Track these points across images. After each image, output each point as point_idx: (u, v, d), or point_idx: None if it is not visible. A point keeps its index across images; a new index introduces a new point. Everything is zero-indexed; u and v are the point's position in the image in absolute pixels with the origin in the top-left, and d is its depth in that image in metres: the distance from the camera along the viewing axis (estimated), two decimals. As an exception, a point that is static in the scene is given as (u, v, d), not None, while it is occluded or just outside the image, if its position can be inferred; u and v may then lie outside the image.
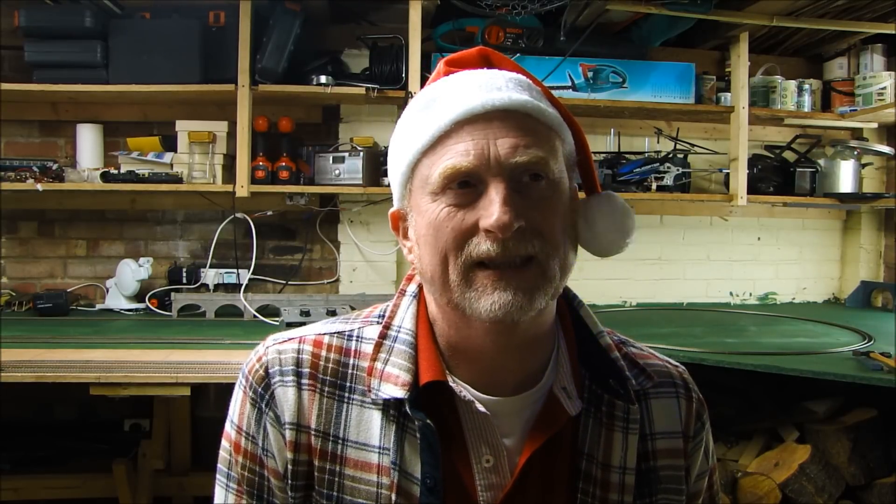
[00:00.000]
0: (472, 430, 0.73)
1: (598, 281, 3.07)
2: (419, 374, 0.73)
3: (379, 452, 0.73)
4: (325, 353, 0.77)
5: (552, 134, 0.72)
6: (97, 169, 2.67)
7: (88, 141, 2.74)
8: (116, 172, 2.64)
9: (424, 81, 0.80)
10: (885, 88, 2.89)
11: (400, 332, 0.77)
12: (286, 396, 0.74)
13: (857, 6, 2.60)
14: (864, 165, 3.10)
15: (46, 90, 2.56)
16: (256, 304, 2.62)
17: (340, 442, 0.74)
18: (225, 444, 0.78)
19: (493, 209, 0.67)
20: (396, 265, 2.94)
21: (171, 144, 2.71)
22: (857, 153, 3.04)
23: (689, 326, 2.58)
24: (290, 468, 0.73)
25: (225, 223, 2.83)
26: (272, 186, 2.66)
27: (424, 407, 0.72)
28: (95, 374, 1.78)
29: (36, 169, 2.59)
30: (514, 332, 0.71)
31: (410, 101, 0.77)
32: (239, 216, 2.80)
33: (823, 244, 3.32)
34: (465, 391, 0.72)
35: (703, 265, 3.21)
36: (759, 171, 2.98)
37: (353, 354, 0.77)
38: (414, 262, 0.76)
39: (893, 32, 2.73)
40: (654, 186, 2.85)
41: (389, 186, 0.80)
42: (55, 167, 2.63)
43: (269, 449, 0.75)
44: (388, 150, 0.80)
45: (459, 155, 0.69)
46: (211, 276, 2.81)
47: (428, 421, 0.71)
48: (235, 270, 2.81)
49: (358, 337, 0.78)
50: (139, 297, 2.75)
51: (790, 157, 3.08)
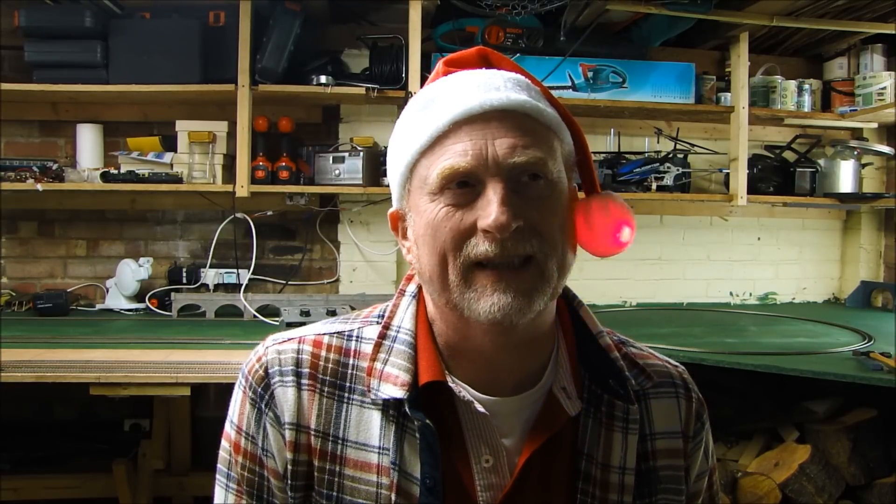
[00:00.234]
0: (471, 430, 0.73)
1: (598, 281, 3.07)
2: (418, 374, 0.73)
3: (378, 452, 0.73)
4: (324, 353, 0.77)
5: (551, 134, 0.72)
6: (97, 169, 2.67)
7: (88, 141, 2.74)
8: (116, 172, 2.64)
9: (424, 81, 0.80)
10: (885, 88, 2.89)
11: (399, 332, 0.77)
12: (286, 397, 0.74)
13: (857, 6, 2.60)
14: (864, 165, 3.10)
15: (46, 90, 2.56)
16: (256, 304, 2.62)
17: (340, 442, 0.74)
18: (225, 444, 0.78)
19: (490, 209, 0.67)
20: (396, 265, 2.94)
21: (171, 144, 2.71)
22: (857, 153, 3.04)
23: (689, 326, 2.58)
24: (289, 468, 0.73)
25: (225, 223, 2.83)
26: (272, 186, 2.66)
27: (424, 407, 0.72)
28: (95, 374, 1.78)
29: (36, 169, 2.59)
30: (512, 332, 0.71)
31: (409, 101, 0.77)
32: (239, 216, 2.80)
33: (823, 244, 3.32)
34: (464, 391, 0.72)
35: (703, 265, 3.21)
36: (759, 171, 2.98)
37: (352, 354, 0.77)
38: (413, 262, 0.76)
39: (893, 32, 2.73)
40: (654, 186, 2.85)
41: (389, 187, 0.80)
42: (55, 167, 2.63)
43: (268, 449, 0.75)
44: (387, 150, 0.80)
45: (457, 155, 0.69)
46: (211, 276, 2.81)
47: (427, 421, 0.71)
48: (235, 270, 2.81)
49: (357, 337, 0.78)
50: (139, 297, 2.75)
51: (790, 157, 3.08)
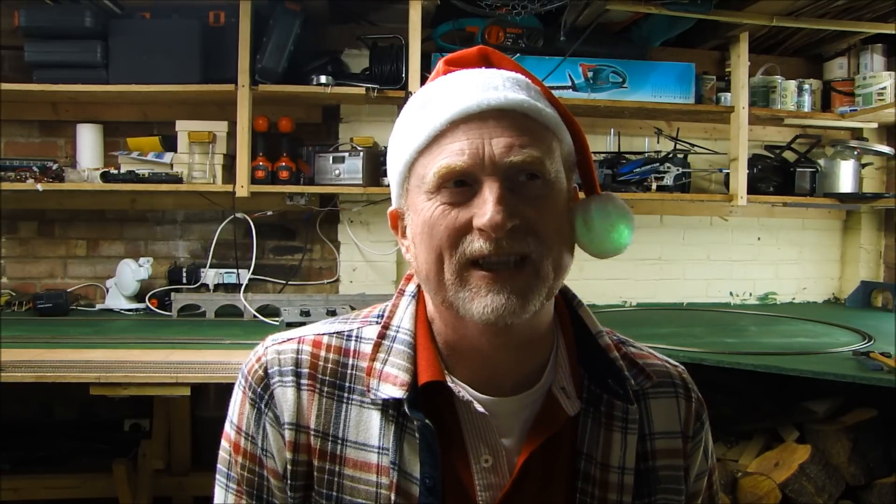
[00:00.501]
0: (470, 430, 0.73)
1: (598, 281, 3.07)
2: (418, 374, 0.73)
3: (378, 452, 0.73)
4: (324, 353, 0.77)
5: (549, 134, 0.72)
6: (97, 169, 2.67)
7: (88, 141, 2.74)
8: (116, 172, 2.64)
9: (424, 81, 0.80)
10: (885, 88, 2.88)
11: (399, 332, 0.77)
12: (285, 397, 0.74)
13: (857, 6, 2.60)
14: (864, 165, 3.10)
15: (46, 90, 2.56)
16: (256, 304, 2.62)
17: (340, 442, 0.74)
18: (224, 444, 0.78)
19: (486, 208, 0.67)
20: (396, 265, 2.94)
21: (171, 144, 2.71)
22: (857, 153, 3.04)
23: (689, 326, 2.58)
24: (289, 468, 0.73)
25: (225, 223, 2.83)
26: (272, 186, 2.66)
27: (423, 407, 0.72)
28: (95, 374, 1.78)
29: (36, 169, 2.59)
30: (509, 332, 0.71)
31: (409, 100, 0.77)
32: (239, 216, 2.80)
33: (823, 244, 3.32)
34: (463, 391, 0.72)
35: (703, 265, 3.21)
36: (759, 171, 2.98)
37: (352, 354, 0.77)
38: (411, 260, 0.76)
39: (893, 32, 2.73)
40: (654, 186, 2.85)
41: (389, 186, 0.80)
42: (55, 167, 2.63)
43: (268, 449, 0.75)
44: (387, 149, 0.80)
45: (454, 154, 0.69)
46: (211, 276, 2.81)
47: (427, 421, 0.71)
48: (235, 270, 2.81)
49: (357, 337, 0.78)
50: (139, 297, 2.75)
51: (790, 157, 3.08)
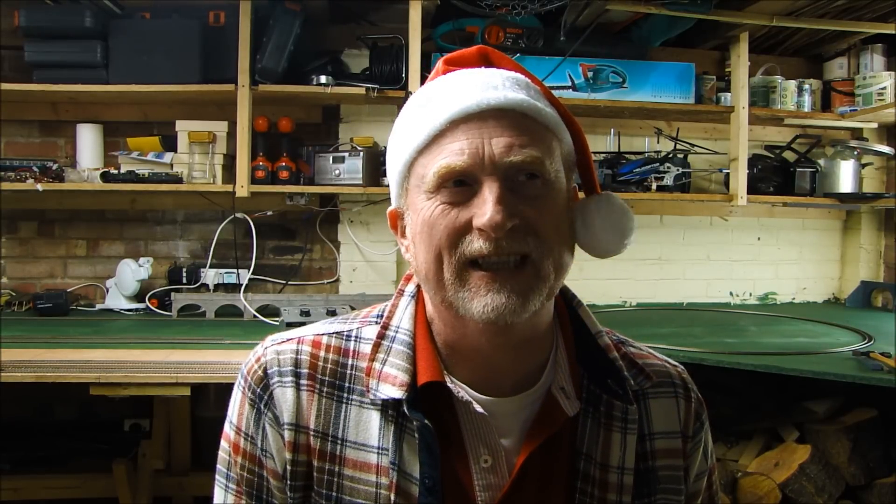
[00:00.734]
0: (470, 430, 0.73)
1: (598, 281, 3.07)
2: (417, 374, 0.73)
3: (378, 453, 0.73)
4: (323, 353, 0.77)
5: (549, 133, 0.72)
6: (97, 169, 2.67)
7: (88, 141, 2.74)
8: (116, 172, 2.64)
9: (424, 81, 0.79)
10: (885, 88, 2.88)
11: (398, 332, 0.77)
12: (285, 397, 0.74)
13: (857, 6, 2.60)
14: (864, 165, 3.10)
15: (46, 90, 2.56)
16: (256, 304, 2.62)
17: (339, 442, 0.74)
18: (224, 444, 0.78)
19: (486, 208, 0.67)
20: (396, 265, 2.94)
21: (171, 144, 2.71)
22: (857, 153, 3.04)
23: (689, 326, 2.58)
24: (288, 468, 0.73)
25: (225, 223, 2.83)
26: (272, 186, 2.66)
27: (423, 407, 0.72)
28: (95, 374, 1.78)
29: (36, 169, 2.59)
30: (509, 332, 0.71)
31: (409, 99, 0.77)
32: (239, 216, 2.80)
33: (823, 244, 3.32)
34: (462, 392, 0.72)
35: (703, 265, 3.21)
36: (759, 171, 2.98)
37: (351, 355, 0.77)
38: (411, 260, 0.76)
39: (893, 32, 2.73)
40: (654, 186, 2.85)
41: (389, 186, 0.80)
42: (55, 167, 2.63)
43: (267, 449, 0.74)
44: (387, 149, 0.80)
45: (454, 154, 0.68)
46: (211, 276, 2.81)
47: (426, 421, 0.71)
48: (235, 270, 2.81)
49: (356, 337, 0.78)
50: (139, 297, 2.75)
51: (790, 157, 3.08)
